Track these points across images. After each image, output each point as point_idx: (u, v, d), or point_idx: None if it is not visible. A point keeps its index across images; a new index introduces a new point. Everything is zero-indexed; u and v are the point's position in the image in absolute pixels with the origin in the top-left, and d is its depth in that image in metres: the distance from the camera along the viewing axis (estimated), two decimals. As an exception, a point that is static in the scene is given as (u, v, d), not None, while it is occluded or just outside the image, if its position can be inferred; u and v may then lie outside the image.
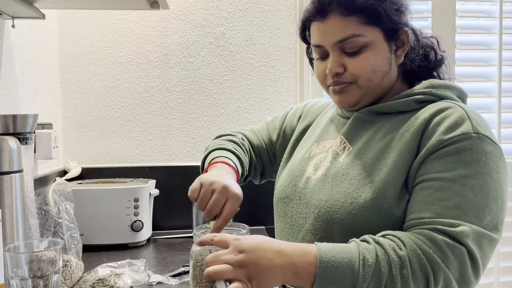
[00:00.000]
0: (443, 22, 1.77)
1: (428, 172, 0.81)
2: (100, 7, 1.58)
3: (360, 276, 0.71)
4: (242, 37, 1.71)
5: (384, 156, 0.86)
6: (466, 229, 0.74)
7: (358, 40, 0.89)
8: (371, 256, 0.73)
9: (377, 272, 0.72)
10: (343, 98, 0.94)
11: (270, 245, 0.74)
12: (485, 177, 0.78)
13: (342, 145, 0.95)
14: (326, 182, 0.91)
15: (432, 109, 0.86)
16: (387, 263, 0.73)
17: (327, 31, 0.91)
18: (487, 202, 0.77)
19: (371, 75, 0.91)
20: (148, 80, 1.70)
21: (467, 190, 0.77)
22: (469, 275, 0.74)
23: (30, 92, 1.42)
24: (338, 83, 0.93)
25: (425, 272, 0.72)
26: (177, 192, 1.63)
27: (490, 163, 0.79)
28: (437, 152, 0.81)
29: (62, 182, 1.18)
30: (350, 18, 0.88)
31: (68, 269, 1.06)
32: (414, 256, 0.73)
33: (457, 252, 0.73)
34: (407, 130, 0.86)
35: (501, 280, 1.82)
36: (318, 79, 0.98)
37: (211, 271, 0.71)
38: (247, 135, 1.19)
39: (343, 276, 0.71)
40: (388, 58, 0.92)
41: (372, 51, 0.90)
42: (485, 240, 0.76)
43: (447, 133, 0.81)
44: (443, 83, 0.93)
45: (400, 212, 0.82)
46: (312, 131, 1.08)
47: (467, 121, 0.82)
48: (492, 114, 1.81)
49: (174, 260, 1.30)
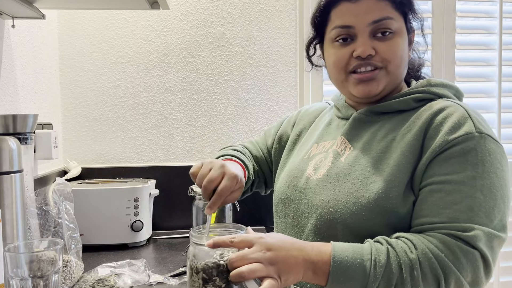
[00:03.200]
0: (443, 22, 1.77)
1: (436, 175, 0.81)
2: (100, 7, 1.58)
3: (371, 276, 0.74)
4: (242, 37, 1.71)
5: (386, 156, 0.86)
6: (479, 233, 0.75)
7: (391, 22, 0.89)
8: (382, 257, 0.75)
9: (388, 273, 0.74)
10: (371, 87, 0.91)
11: (292, 243, 0.78)
12: (491, 176, 0.79)
13: (343, 145, 0.95)
14: (328, 182, 0.91)
15: (432, 109, 0.87)
16: (398, 264, 0.75)
17: (360, 11, 0.90)
18: (496, 201, 0.79)
19: (400, 62, 0.91)
20: (148, 80, 1.70)
21: (477, 192, 0.78)
22: (481, 277, 0.76)
23: (30, 92, 1.42)
24: (367, 66, 0.90)
25: (436, 275, 0.74)
26: (177, 192, 1.63)
27: (494, 162, 0.81)
28: (443, 154, 0.81)
29: (62, 182, 1.18)
30: (383, 1, 0.90)
31: (68, 269, 1.06)
32: (425, 259, 0.74)
33: (470, 256, 0.75)
34: (409, 131, 0.86)
35: (501, 280, 1.82)
36: (337, 66, 0.93)
37: (245, 270, 0.71)
38: (247, 146, 1.21)
39: (355, 276, 0.74)
40: (407, 49, 0.95)
41: (400, 38, 0.91)
42: (495, 241, 0.78)
43: (451, 134, 0.82)
44: (440, 82, 0.94)
45: (404, 212, 0.83)
46: (311, 134, 1.08)
47: (468, 120, 0.83)
48: (492, 114, 1.81)
49: (174, 260, 1.30)
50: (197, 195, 1.40)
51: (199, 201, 1.40)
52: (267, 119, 1.74)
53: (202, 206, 1.40)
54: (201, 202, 1.40)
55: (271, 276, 0.72)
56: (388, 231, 0.82)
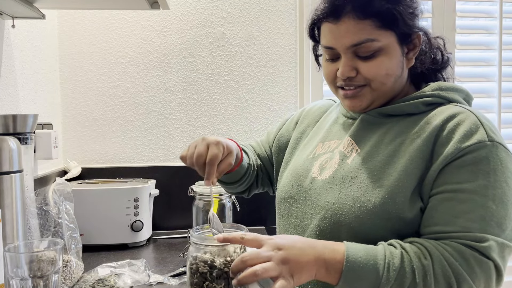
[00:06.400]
0: (443, 22, 1.77)
1: (448, 183, 0.81)
2: (100, 7, 1.58)
3: (383, 278, 0.74)
4: (242, 37, 1.71)
5: (393, 160, 0.85)
6: (492, 243, 0.76)
7: (372, 44, 0.86)
8: (396, 261, 0.75)
9: (401, 277, 0.75)
10: (355, 103, 0.92)
11: (303, 242, 0.78)
12: (503, 186, 0.80)
13: (350, 146, 0.94)
14: (334, 184, 0.90)
15: (443, 115, 0.86)
16: (411, 269, 0.75)
17: (341, 34, 0.87)
18: (507, 211, 0.79)
19: (384, 79, 0.89)
20: (148, 80, 1.70)
21: (489, 201, 0.78)
22: (493, 285, 0.77)
23: (30, 92, 1.42)
24: (350, 85, 0.91)
25: (449, 283, 0.75)
26: (177, 192, 1.63)
27: (505, 171, 0.81)
28: (455, 162, 0.81)
29: (62, 182, 1.18)
30: (365, 21, 0.85)
31: (68, 269, 1.06)
32: (439, 266, 0.75)
33: (484, 266, 0.75)
34: (419, 136, 0.85)
35: (501, 280, 1.82)
36: (327, 80, 0.96)
37: (259, 268, 0.71)
38: (250, 143, 1.22)
39: (367, 277, 0.75)
40: (401, 62, 0.90)
41: (386, 56, 0.88)
42: (507, 250, 0.78)
43: (463, 142, 0.81)
44: (450, 86, 0.92)
45: (409, 218, 0.82)
46: (316, 132, 1.07)
47: (481, 128, 0.82)
48: (492, 114, 1.81)
49: (174, 260, 1.30)
50: (197, 195, 1.40)
51: (199, 201, 1.41)
52: (267, 119, 1.74)
53: (202, 206, 1.40)
54: (201, 202, 1.41)
55: (283, 276, 0.72)
56: (392, 236, 0.82)
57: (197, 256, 0.78)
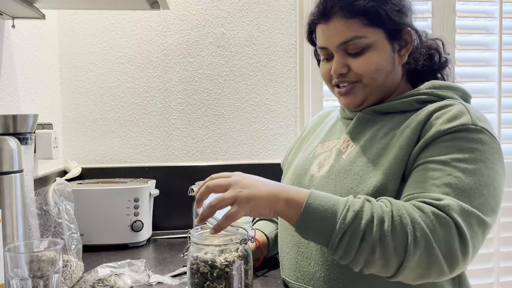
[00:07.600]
0: (443, 22, 1.77)
1: (424, 157, 0.83)
2: (100, 7, 1.58)
3: (341, 218, 0.74)
4: (242, 37, 1.71)
5: (386, 152, 0.88)
6: (452, 203, 0.75)
7: (360, 41, 0.91)
8: (357, 205, 0.76)
9: (359, 219, 0.74)
10: (349, 99, 0.97)
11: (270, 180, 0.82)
12: (479, 164, 0.79)
13: (345, 143, 0.97)
14: (329, 178, 0.93)
15: (433, 107, 0.88)
16: (370, 212, 0.75)
17: (331, 33, 0.94)
18: (478, 185, 0.77)
19: (375, 74, 0.93)
20: (148, 80, 1.70)
21: (458, 172, 0.78)
22: (456, 248, 0.73)
23: (30, 92, 1.42)
24: (343, 82, 0.96)
25: (405, 231, 0.73)
26: (177, 192, 1.63)
27: (486, 153, 0.80)
28: (435, 140, 0.83)
29: (62, 182, 1.18)
30: (352, 20, 0.91)
31: (68, 269, 1.06)
32: (397, 214, 0.74)
33: (443, 221, 0.73)
34: (408, 126, 0.88)
35: (501, 280, 1.82)
36: (324, 79, 1.01)
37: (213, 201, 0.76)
38: None
39: (325, 216, 0.75)
40: (391, 57, 0.94)
41: (375, 51, 0.92)
42: (473, 218, 0.75)
43: (445, 124, 0.83)
44: (445, 84, 0.94)
45: None
46: (317, 135, 1.11)
47: (466, 114, 0.83)
48: (492, 114, 1.81)
49: (174, 260, 1.29)
50: (197, 195, 1.40)
51: (199, 201, 1.41)
52: (267, 119, 1.74)
53: (202, 206, 1.40)
54: (201, 202, 1.41)
55: (238, 202, 0.76)
56: None
57: (198, 256, 0.78)
